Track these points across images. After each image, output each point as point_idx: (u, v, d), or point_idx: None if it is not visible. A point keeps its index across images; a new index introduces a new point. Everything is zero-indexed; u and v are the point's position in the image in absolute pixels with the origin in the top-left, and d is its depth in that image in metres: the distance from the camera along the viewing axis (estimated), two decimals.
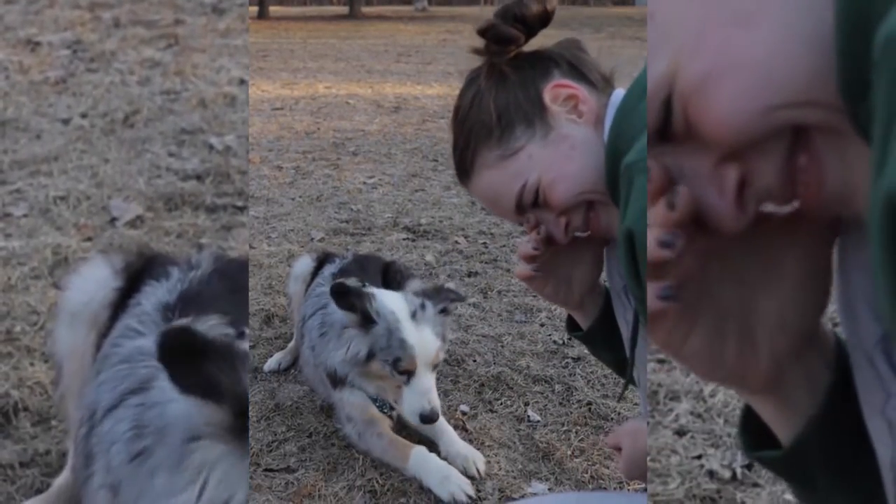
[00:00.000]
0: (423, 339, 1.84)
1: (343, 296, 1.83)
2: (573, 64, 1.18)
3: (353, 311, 1.85)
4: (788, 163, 0.58)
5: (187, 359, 0.81)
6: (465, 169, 1.20)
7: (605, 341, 1.32)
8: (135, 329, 1.29)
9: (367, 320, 1.84)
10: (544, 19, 1.17)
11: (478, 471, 1.83)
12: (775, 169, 0.58)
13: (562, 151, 1.13)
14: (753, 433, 0.72)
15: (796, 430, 0.67)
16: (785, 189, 0.59)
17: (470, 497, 1.74)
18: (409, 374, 1.84)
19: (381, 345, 1.84)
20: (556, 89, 1.14)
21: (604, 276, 1.32)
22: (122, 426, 1.07)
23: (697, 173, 0.60)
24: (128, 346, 1.24)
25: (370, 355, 1.85)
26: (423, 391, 1.83)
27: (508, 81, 1.16)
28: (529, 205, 1.15)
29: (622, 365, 1.33)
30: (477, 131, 1.17)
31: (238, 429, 0.86)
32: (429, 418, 1.83)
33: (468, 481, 1.78)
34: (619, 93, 1.14)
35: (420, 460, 1.84)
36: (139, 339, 1.25)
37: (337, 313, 1.90)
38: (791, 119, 0.55)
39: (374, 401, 1.99)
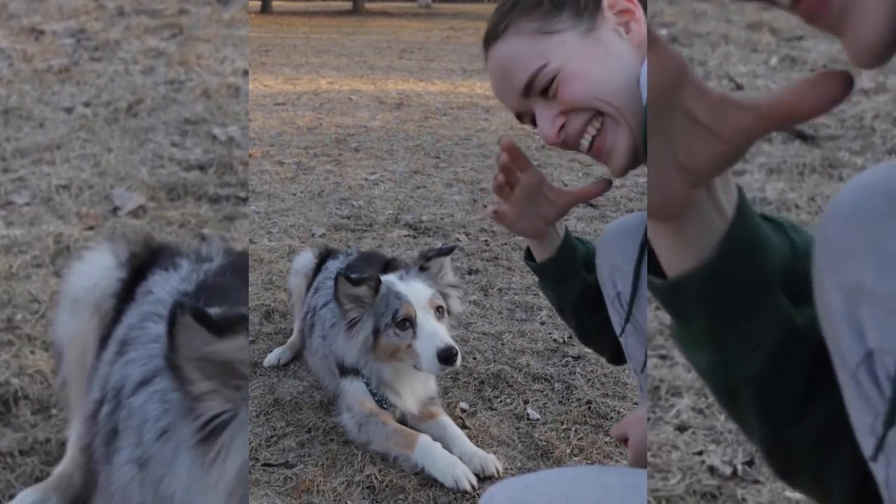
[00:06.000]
0: (413, 288, 1.93)
1: (348, 282, 1.91)
2: None
3: (359, 286, 1.91)
4: None
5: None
6: (496, 30, 1.17)
7: (554, 281, 1.43)
8: (158, 314, 1.30)
9: (372, 292, 1.92)
10: None
11: (496, 469, 1.81)
12: None
13: (595, 52, 1.12)
14: None
15: (686, 266, 0.72)
16: None
17: (473, 486, 1.75)
18: (411, 325, 1.88)
19: (382, 309, 1.89)
20: None
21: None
22: (154, 401, 1.08)
23: None
24: (156, 329, 1.25)
25: (376, 332, 1.89)
26: (431, 333, 1.87)
27: None
28: (539, 90, 1.14)
29: (561, 305, 1.47)
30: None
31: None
32: (447, 353, 1.83)
33: (472, 475, 1.78)
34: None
35: (426, 448, 1.85)
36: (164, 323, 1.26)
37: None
38: None
39: (374, 395, 1.99)
